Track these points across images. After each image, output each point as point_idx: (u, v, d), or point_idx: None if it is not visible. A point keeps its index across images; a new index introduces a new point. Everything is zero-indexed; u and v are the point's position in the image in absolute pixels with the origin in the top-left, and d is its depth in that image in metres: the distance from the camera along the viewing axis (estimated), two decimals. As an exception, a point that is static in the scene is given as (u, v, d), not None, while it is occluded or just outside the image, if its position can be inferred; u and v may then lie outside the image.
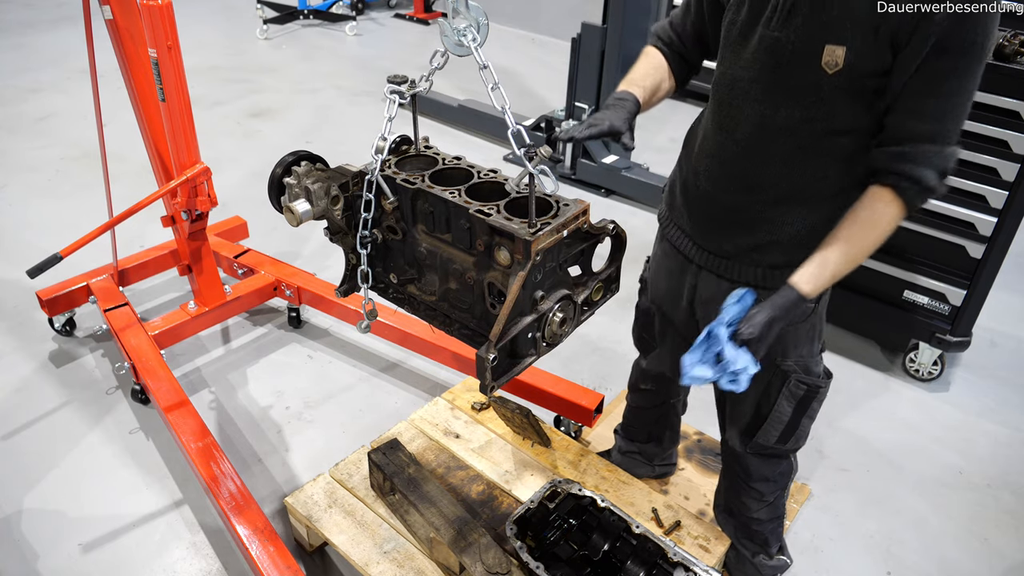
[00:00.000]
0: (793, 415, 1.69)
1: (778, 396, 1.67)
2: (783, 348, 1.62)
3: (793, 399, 1.67)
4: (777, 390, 1.67)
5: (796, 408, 1.68)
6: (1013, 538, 2.32)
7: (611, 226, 1.50)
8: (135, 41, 2.29)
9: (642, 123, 4.50)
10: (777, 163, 1.45)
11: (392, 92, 1.49)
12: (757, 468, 1.84)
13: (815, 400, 1.69)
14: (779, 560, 2.07)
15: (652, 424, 2.21)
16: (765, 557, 2.03)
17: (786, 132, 1.41)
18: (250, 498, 2.05)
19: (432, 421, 2.30)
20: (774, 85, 1.39)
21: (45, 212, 3.84)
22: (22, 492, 2.34)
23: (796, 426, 1.72)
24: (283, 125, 4.99)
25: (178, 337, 2.79)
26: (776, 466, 1.84)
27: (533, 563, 1.70)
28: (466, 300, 1.54)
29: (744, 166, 1.49)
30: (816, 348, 1.67)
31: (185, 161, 2.38)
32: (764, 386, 1.68)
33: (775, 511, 1.94)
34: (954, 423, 2.75)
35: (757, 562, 2.03)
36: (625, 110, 1.49)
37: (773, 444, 1.75)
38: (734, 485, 1.93)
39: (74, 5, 6.66)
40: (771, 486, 1.87)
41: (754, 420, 1.74)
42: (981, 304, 2.74)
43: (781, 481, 1.88)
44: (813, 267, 1.38)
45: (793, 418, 1.70)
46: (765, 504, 1.91)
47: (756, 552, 2.02)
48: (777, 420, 1.71)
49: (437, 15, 7.50)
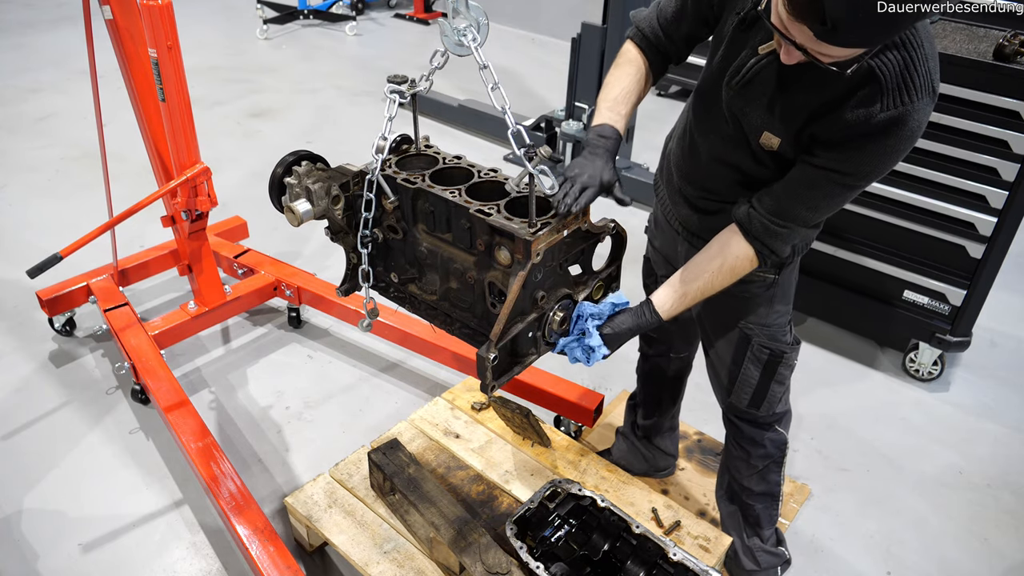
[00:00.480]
0: (761, 379, 1.78)
1: (743, 359, 1.78)
2: (742, 311, 1.73)
3: (759, 363, 1.76)
4: (743, 353, 1.77)
5: (763, 372, 1.77)
6: (1013, 538, 2.32)
7: (611, 225, 1.50)
8: (135, 41, 2.29)
9: (642, 123, 4.50)
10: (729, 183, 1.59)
11: (392, 92, 1.50)
12: (742, 431, 1.91)
13: (781, 365, 1.76)
14: (777, 551, 2.08)
15: (665, 389, 2.23)
16: (759, 540, 2.05)
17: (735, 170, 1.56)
18: (250, 498, 2.05)
19: (432, 421, 2.30)
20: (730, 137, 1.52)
21: (45, 212, 3.84)
22: (22, 492, 2.34)
23: (766, 390, 1.79)
24: (283, 125, 4.99)
25: (178, 337, 2.79)
26: (759, 434, 1.89)
27: (533, 563, 1.70)
28: (467, 299, 1.54)
29: (701, 176, 1.64)
30: (777, 315, 1.74)
31: (185, 161, 2.38)
32: (732, 349, 1.79)
33: (766, 484, 1.97)
34: (954, 423, 2.75)
35: (752, 545, 2.05)
36: (609, 154, 1.51)
37: (746, 407, 1.84)
38: (727, 449, 2.00)
39: (74, 5, 6.65)
40: (758, 450, 1.92)
41: (729, 382, 1.84)
42: (981, 304, 2.74)
43: (770, 448, 1.91)
44: (674, 297, 1.55)
45: (761, 382, 1.79)
46: (754, 470, 1.94)
47: (750, 535, 2.05)
48: (746, 383, 1.80)
49: (437, 15, 7.50)
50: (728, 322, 1.77)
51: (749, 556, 2.07)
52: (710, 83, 1.53)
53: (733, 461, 1.99)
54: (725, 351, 1.81)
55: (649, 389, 2.25)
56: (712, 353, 1.87)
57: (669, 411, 2.28)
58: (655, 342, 2.15)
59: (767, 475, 1.95)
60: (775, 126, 1.41)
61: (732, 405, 1.87)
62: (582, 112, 4.17)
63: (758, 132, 1.44)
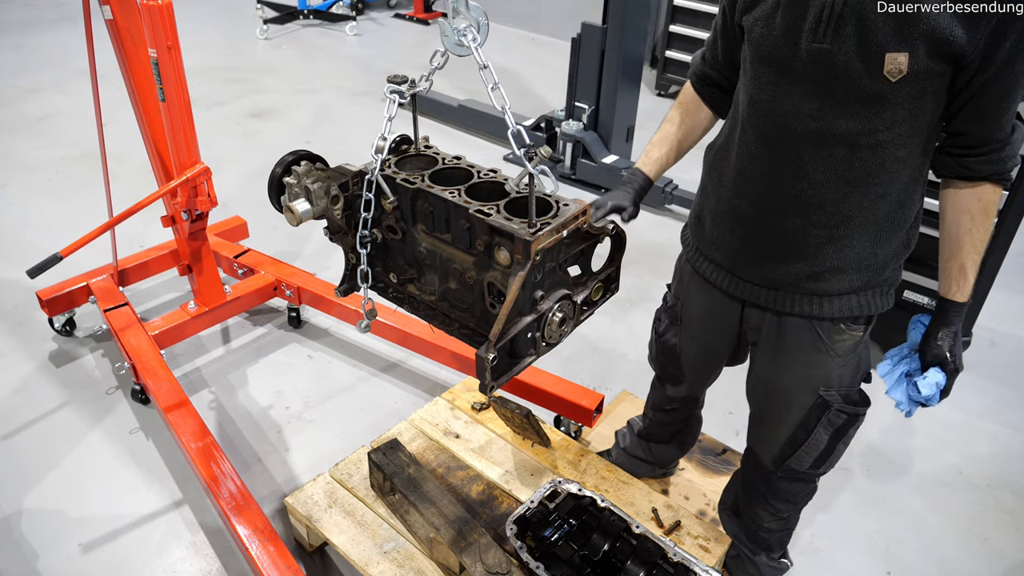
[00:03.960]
0: (829, 442, 1.67)
1: (816, 424, 1.65)
2: (827, 379, 1.61)
3: (831, 427, 1.65)
4: (816, 419, 1.64)
5: (833, 435, 1.66)
6: (1013, 538, 2.32)
7: (611, 226, 1.50)
8: (135, 41, 2.29)
9: (642, 123, 4.50)
10: (837, 182, 1.40)
11: (392, 92, 1.49)
12: (783, 489, 1.83)
13: (852, 427, 1.66)
14: (780, 563, 2.07)
15: (678, 431, 2.21)
16: (766, 558, 2.03)
17: (847, 147, 1.36)
18: (250, 498, 2.05)
19: (432, 421, 2.30)
20: (830, 99, 1.33)
21: (45, 212, 3.84)
22: (22, 492, 2.34)
23: (831, 452, 1.70)
24: (283, 125, 4.99)
25: (178, 337, 2.79)
26: (802, 489, 1.84)
27: (533, 563, 1.70)
28: (466, 300, 1.54)
29: (801, 187, 1.43)
30: (858, 379, 1.65)
31: (185, 161, 2.38)
32: (804, 414, 1.66)
33: (787, 524, 1.95)
34: (954, 423, 2.75)
35: (758, 561, 2.03)
36: (633, 190, 1.70)
37: (806, 469, 1.73)
38: (751, 498, 1.92)
39: (74, 5, 6.66)
40: (790, 507, 1.88)
41: (789, 445, 1.72)
42: (981, 304, 2.74)
43: (802, 502, 1.89)
44: (968, 283, 1.45)
45: (829, 445, 1.68)
46: (779, 519, 1.91)
47: (757, 552, 2.02)
48: (813, 447, 1.68)
49: (437, 15, 7.50)
50: (807, 387, 1.63)
51: (752, 566, 2.05)
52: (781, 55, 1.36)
53: (755, 509, 1.91)
54: (793, 416, 1.67)
55: (665, 431, 2.20)
56: (771, 415, 1.74)
57: (683, 447, 2.26)
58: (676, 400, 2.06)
59: (791, 518, 1.93)
60: (893, 39, 1.24)
61: (788, 467, 1.74)
62: (582, 112, 4.18)
63: (877, 62, 1.26)
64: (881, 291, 1.54)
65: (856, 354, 1.60)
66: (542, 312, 1.41)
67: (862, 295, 1.52)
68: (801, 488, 1.84)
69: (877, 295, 1.54)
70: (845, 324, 1.55)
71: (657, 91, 5.67)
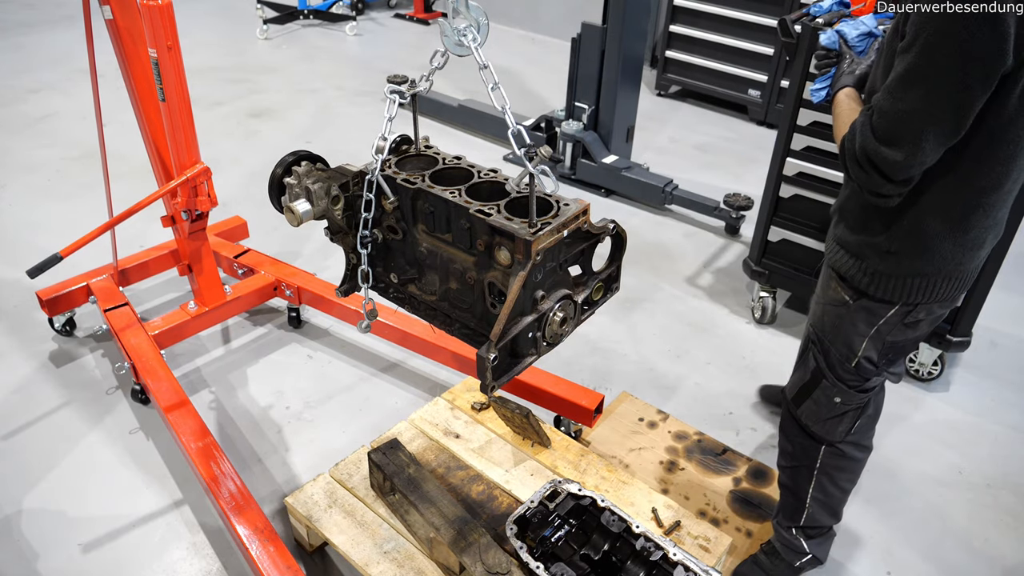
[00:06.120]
0: (808, 382, 1.85)
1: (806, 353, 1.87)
2: (819, 324, 1.80)
3: (807, 366, 1.85)
4: (805, 348, 1.89)
5: (811, 376, 1.83)
6: (1013, 538, 2.32)
7: (611, 226, 1.50)
8: (135, 41, 2.29)
9: (642, 123, 4.50)
10: None
11: (392, 92, 1.50)
12: (784, 416, 2.00)
13: (819, 387, 1.81)
14: (795, 537, 2.07)
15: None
16: (781, 520, 2.08)
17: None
18: (250, 498, 2.05)
19: (432, 421, 2.30)
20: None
21: (45, 212, 3.84)
22: (22, 492, 2.34)
23: (806, 395, 1.86)
24: (283, 125, 4.99)
25: (178, 337, 2.79)
26: (793, 426, 1.94)
27: (533, 563, 1.70)
28: (466, 300, 1.54)
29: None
30: (844, 351, 1.75)
31: (185, 161, 2.38)
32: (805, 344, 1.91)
33: (792, 480, 2.01)
34: (954, 423, 2.75)
35: (775, 523, 2.11)
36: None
37: (791, 398, 1.91)
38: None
39: (74, 5, 6.66)
40: (787, 446, 1.99)
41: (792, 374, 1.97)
42: (981, 304, 2.74)
43: (796, 451, 1.96)
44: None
45: (806, 385, 1.85)
46: (785, 460, 2.01)
47: (776, 513, 2.11)
48: (799, 376, 1.89)
49: (437, 15, 7.50)
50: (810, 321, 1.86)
51: (778, 534, 2.11)
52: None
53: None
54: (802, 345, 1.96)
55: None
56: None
57: None
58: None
59: (794, 474, 2.00)
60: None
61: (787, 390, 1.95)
62: (582, 112, 4.17)
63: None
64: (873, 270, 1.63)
65: (841, 317, 1.72)
66: (543, 312, 1.41)
67: (857, 261, 1.66)
68: (792, 427, 1.94)
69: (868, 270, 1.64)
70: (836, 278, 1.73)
71: (657, 91, 5.67)
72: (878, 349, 1.72)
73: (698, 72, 5.35)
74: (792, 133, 2.84)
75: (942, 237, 1.54)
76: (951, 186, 1.48)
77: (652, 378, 2.90)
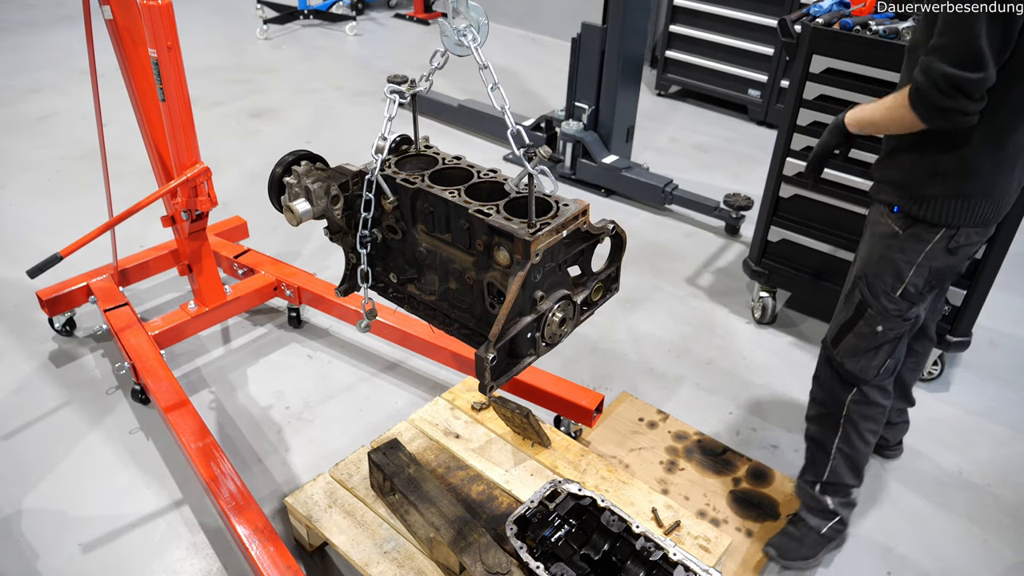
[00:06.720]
0: (851, 318, 1.97)
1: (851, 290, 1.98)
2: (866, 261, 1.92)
3: (851, 303, 1.96)
4: (851, 287, 1.98)
5: (854, 313, 1.96)
6: (1013, 538, 2.32)
7: (611, 226, 1.50)
8: (135, 41, 2.29)
9: (642, 123, 4.50)
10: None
11: (392, 92, 1.50)
12: (820, 360, 2.10)
13: (863, 318, 1.94)
14: (820, 496, 2.15)
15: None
16: (806, 477, 2.18)
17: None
18: (250, 498, 2.05)
19: (432, 421, 2.30)
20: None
21: (45, 212, 3.84)
22: (22, 492, 2.34)
23: (848, 330, 1.98)
24: (283, 125, 4.99)
25: (178, 337, 2.79)
26: (826, 370, 2.07)
27: (533, 563, 1.70)
28: (466, 300, 1.54)
29: None
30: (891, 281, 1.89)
31: (185, 161, 2.38)
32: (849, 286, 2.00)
33: (820, 430, 2.12)
34: (954, 423, 2.75)
35: (799, 484, 2.21)
36: None
37: (830, 340, 2.03)
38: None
39: (74, 5, 6.66)
40: (818, 392, 2.12)
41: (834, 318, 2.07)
42: (981, 304, 2.74)
43: (826, 397, 2.09)
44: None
45: (848, 321, 1.97)
46: (814, 409, 2.14)
47: (803, 471, 2.21)
48: (840, 316, 2.00)
49: (437, 15, 7.50)
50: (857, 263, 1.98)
51: (802, 491, 2.21)
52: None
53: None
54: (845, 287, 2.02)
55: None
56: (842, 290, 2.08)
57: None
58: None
59: (820, 421, 2.12)
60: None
61: (826, 338, 2.06)
62: (582, 112, 4.17)
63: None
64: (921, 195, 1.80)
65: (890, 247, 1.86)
66: (542, 312, 1.41)
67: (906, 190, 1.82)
68: (826, 369, 2.06)
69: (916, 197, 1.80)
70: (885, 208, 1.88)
71: (657, 91, 5.67)
72: (923, 276, 1.87)
73: (698, 72, 5.35)
74: (792, 133, 2.84)
75: (982, 157, 1.71)
76: (991, 108, 1.62)
77: (652, 378, 2.90)
